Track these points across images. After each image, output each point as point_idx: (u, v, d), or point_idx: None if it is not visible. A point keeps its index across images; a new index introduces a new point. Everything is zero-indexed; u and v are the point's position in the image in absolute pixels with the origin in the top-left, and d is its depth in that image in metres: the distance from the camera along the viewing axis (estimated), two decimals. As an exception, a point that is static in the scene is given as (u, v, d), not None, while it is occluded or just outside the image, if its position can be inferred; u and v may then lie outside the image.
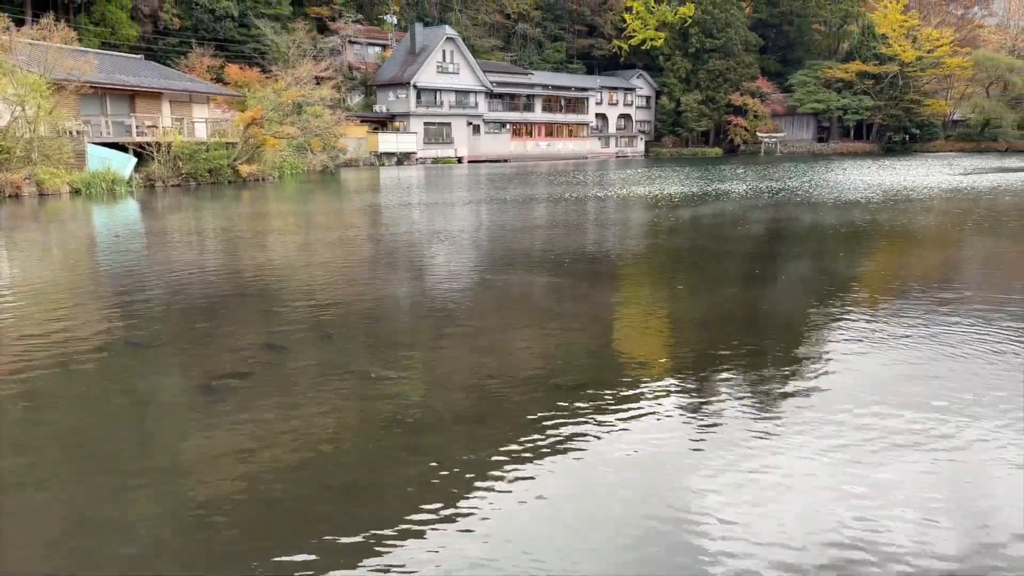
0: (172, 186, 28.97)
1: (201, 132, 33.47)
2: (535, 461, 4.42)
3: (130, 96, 32.69)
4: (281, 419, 5.11)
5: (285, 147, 37.62)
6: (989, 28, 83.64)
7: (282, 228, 17.00)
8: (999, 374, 5.83)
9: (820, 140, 79.80)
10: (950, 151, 72.82)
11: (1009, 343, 6.62)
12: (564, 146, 70.64)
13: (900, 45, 74.41)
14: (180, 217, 19.73)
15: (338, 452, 4.61)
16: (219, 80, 42.54)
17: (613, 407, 5.23)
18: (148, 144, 29.82)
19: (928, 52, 74.57)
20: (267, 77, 42.75)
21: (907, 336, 6.90)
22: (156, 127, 31.54)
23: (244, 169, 31.97)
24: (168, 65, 43.81)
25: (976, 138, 75.24)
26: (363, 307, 8.62)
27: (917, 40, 74.88)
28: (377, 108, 58.27)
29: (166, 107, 34.15)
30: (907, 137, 77.12)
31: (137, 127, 31.05)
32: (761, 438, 4.68)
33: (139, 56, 40.05)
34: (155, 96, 33.62)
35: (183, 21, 50.63)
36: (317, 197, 26.94)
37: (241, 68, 42.83)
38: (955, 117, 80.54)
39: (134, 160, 28.68)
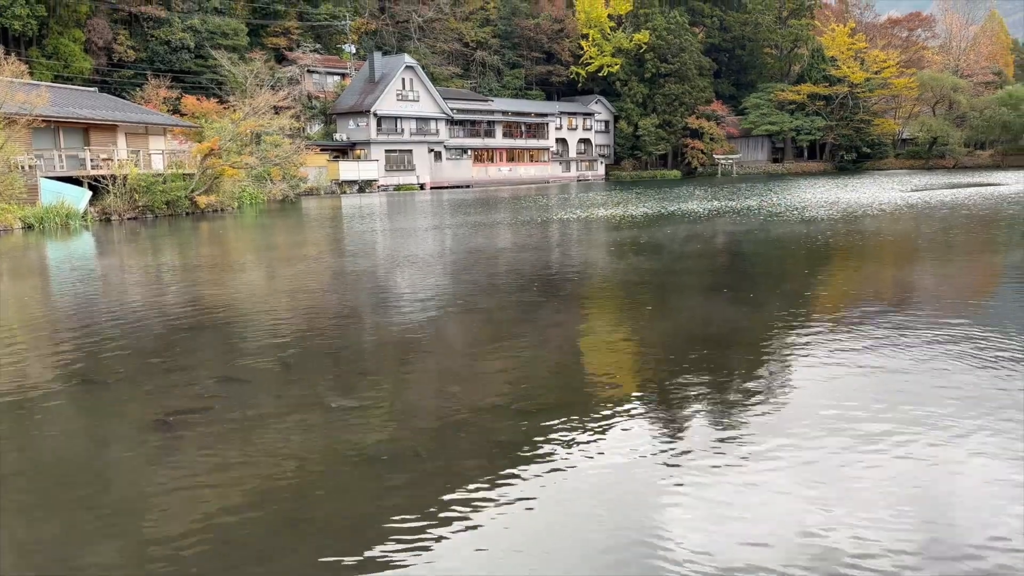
0: (128, 219, 28.47)
1: (158, 164, 33.03)
2: (503, 489, 4.36)
3: (84, 129, 32.18)
4: (241, 454, 4.99)
5: (244, 177, 37.28)
6: (933, 49, 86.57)
7: (240, 259, 16.78)
8: (965, 385, 5.93)
9: (775, 160, 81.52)
10: (900, 169, 74.82)
11: (972, 353, 6.74)
12: (526, 171, 71.11)
13: (849, 67, 76.65)
14: (136, 250, 19.38)
15: (301, 487, 4.51)
16: (176, 111, 42.15)
17: (582, 430, 5.20)
18: (103, 177, 29.31)
19: (876, 73, 76.92)
20: (225, 107, 42.46)
21: (873, 349, 7.00)
22: (111, 160, 31.03)
23: (202, 200, 31.59)
24: (123, 97, 43.30)
25: (925, 156, 77.52)
26: (326, 337, 8.51)
27: (865, 62, 77.24)
28: (337, 136, 58.15)
29: (121, 139, 33.66)
30: (858, 156, 79.13)
31: (91, 160, 30.51)
32: (732, 457, 4.68)
33: (93, 89, 39.52)
34: (110, 129, 33.13)
35: (138, 53, 50.20)
36: (277, 227, 26.69)
37: (198, 99, 42.48)
38: (904, 136, 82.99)
39: (89, 194, 28.16)
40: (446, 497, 4.27)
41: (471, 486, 4.40)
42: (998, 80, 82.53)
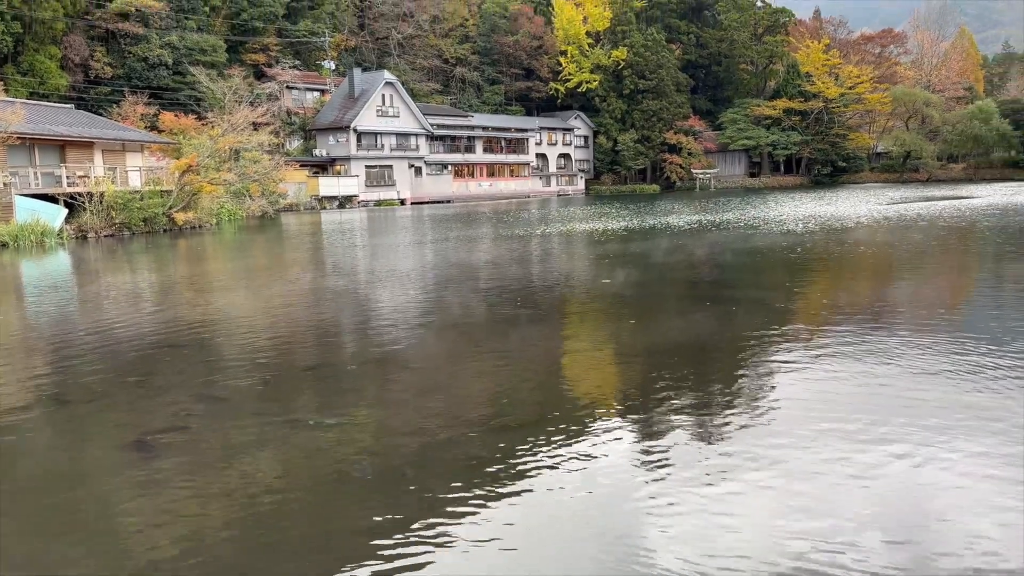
0: (105, 236, 28.20)
1: (135, 181, 32.77)
2: (486, 506, 4.34)
3: (60, 146, 31.88)
4: (221, 474, 4.94)
5: (223, 193, 37.07)
6: (905, 65, 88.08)
7: (218, 276, 16.65)
8: (947, 394, 6.00)
9: (752, 175, 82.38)
10: (875, 182, 75.88)
11: (954, 362, 6.82)
12: (506, 186, 71.32)
13: (823, 82, 77.79)
14: (112, 268, 19.19)
15: (281, 507, 4.46)
16: (153, 128, 41.87)
17: (566, 445, 5.19)
18: (79, 194, 29.02)
19: (850, 89, 78.13)
20: (203, 124, 42.24)
21: (855, 360, 7.06)
22: (88, 177, 30.75)
23: (180, 217, 31.36)
24: (100, 114, 42.97)
25: (899, 169, 78.74)
26: (306, 354, 8.46)
27: (839, 77, 78.44)
28: (317, 152, 58.03)
29: (98, 156, 33.37)
30: (834, 170, 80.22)
31: (68, 177, 30.22)
32: (712, 469, 4.70)
33: (69, 106, 39.20)
34: (86, 146, 32.84)
35: (115, 70, 49.87)
36: (255, 243, 26.54)
37: (176, 115, 42.24)
38: (878, 150, 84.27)
39: (65, 211, 27.86)
40: (427, 518, 4.25)
41: (454, 504, 4.38)
42: (969, 95, 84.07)
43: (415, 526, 4.11)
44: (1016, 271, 13.49)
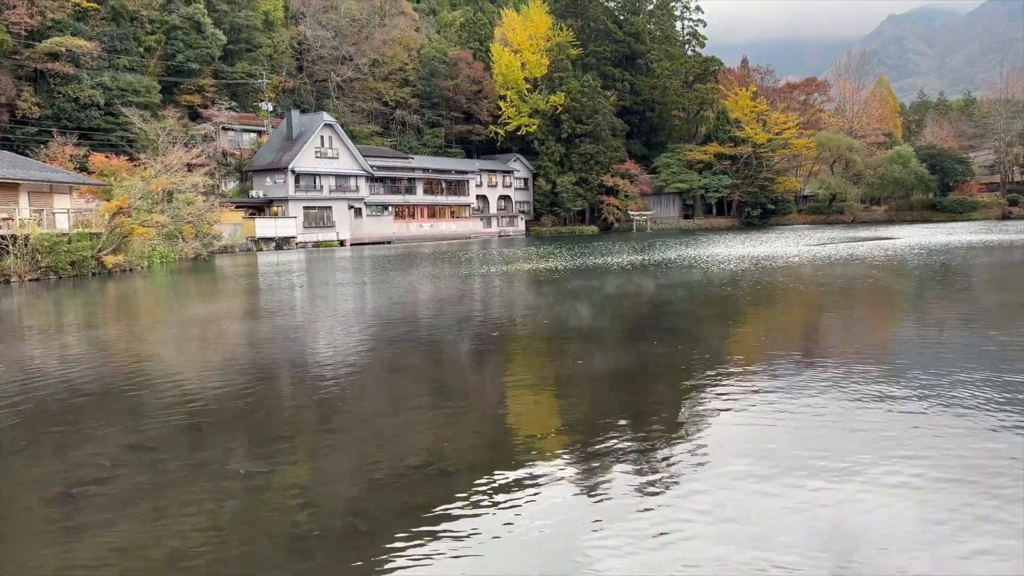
0: (30, 280, 27.19)
1: (63, 223, 31.78)
2: (427, 555, 4.30)
3: (-18, 187, 30.76)
4: (149, 527, 4.77)
5: (155, 235, 36.22)
6: (828, 112, 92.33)
7: (147, 321, 16.19)
8: (877, 426, 6.20)
9: (686, 216, 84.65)
10: (803, 224, 78.72)
11: (885, 395, 7.07)
12: (447, 227, 71.54)
13: (752, 128, 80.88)
14: (35, 313, 18.48)
15: (212, 561, 4.33)
16: (83, 169, 40.77)
17: (505, 488, 5.19)
18: (3, 237, 27.99)
19: (777, 134, 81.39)
20: (135, 165, 41.38)
21: (792, 394, 7.25)
22: (12, 219, 29.70)
23: (110, 260, 30.48)
24: (27, 155, 41.64)
25: (825, 211, 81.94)
26: (239, 400, 8.26)
27: (767, 124, 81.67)
28: (254, 193, 57.31)
29: (24, 198, 32.29)
30: (764, 212, 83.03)
31: (-10, 220, 29.12)
32: (655, 507, 4.75)
33: (-7, 146, 37.95)
34: (11, 187, 31.77)
35: (43, 110, 48.60)
36: (186, 286, 25.92)
37: (107, 157, 41.27)
38: (805, 192, 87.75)
39: (-14, 254, 26.81)
40: (366, 568, 4.18)
41: (395, 555, 4.33)
42: (888, 141, 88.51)
43: None
44: (941, 304, 14.11)
